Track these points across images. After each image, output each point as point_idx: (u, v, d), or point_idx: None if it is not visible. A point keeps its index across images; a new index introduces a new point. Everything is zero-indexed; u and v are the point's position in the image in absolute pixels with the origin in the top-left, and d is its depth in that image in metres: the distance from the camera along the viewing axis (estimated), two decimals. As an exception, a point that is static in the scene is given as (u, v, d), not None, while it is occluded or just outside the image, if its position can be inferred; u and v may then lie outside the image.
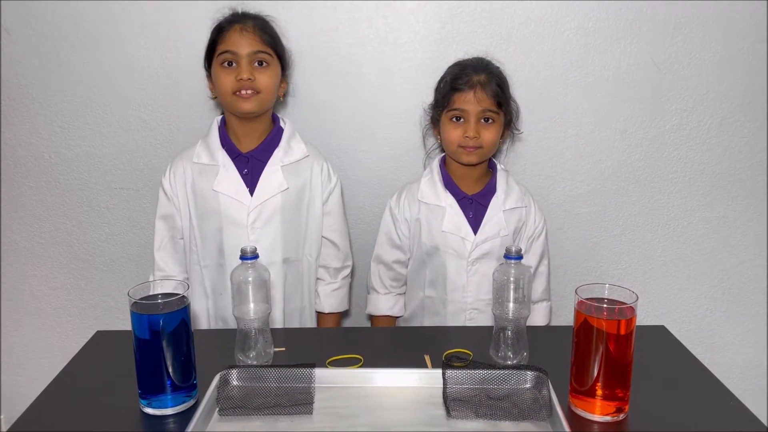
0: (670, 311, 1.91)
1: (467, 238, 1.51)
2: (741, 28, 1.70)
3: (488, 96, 1.45)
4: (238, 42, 1.42)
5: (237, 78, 1.41)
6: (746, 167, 1.81)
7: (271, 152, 1.50)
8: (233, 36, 1.43)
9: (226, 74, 1.43)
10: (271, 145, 1.51)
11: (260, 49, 1.44)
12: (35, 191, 1.81)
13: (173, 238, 1.53)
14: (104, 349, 1.29)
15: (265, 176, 1.48)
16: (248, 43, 1.43)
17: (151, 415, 1.04)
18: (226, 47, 1.43)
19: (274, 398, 1.05)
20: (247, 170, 1.48)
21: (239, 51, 1.42)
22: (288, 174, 1.49)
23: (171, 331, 1.02)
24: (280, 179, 1.48)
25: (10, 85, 1.74)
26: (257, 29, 1.44)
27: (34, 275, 1.88)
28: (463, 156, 1.50)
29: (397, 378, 1.11)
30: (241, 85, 1.42)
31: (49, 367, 1.26)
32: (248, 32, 1.43)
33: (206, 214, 1.49)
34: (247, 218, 1.47)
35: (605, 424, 1.02)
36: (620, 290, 1.04)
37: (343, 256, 1.61)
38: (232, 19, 1.46)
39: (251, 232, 1.47)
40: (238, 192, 1.47)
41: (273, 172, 1.48)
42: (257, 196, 1.47)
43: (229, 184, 1.47)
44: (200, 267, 1.52)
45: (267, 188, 1.47)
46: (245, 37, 1.43)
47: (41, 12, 1.68)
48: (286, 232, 1.51)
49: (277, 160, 1.49)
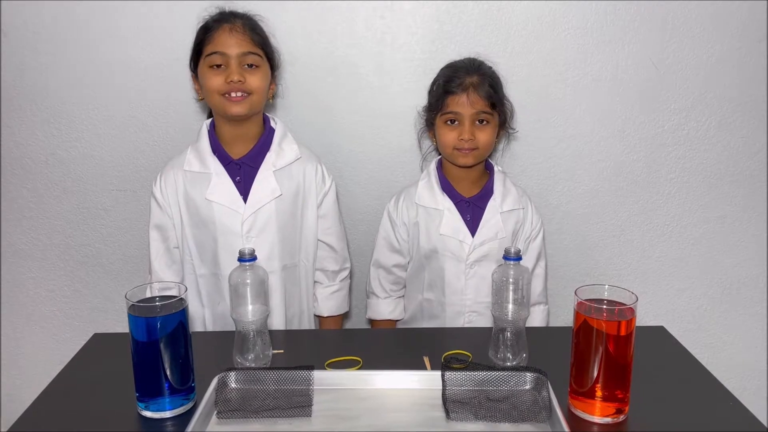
0: (670, 311, 1.91)
1: (465, 240, 1.50)
2: (739, 27, 1.70)
3: (481, 98, 1.45)
4: (227, 42, 1.38)
5: (227, 80, 1.37)
6: (745, 167, 1.81)
7: (263, 157, 1.46)
8: (222, 36, 1.38)
9: (214, 76, 1.39)
10: (263, 149, 1.47)
11: (250, 50, 1.40)
12: (32, 193, 1.81)
13: (168, 249, 1.50)
14: (102, 352, 1.28)
15: (258, 183, 1.44)
16: (238, 43, 1.38)
17: (149, 418, 1.03)
18: (215, 48, 1.38)
19: (273, 401, 1.05)
20: (240, 177, 1.45)
21: (228, 52, 1.38)
22: (281, 179, 1.46)
23: (168, 333, 1.02)
24: (273, 185, 1.45)
25: (7, 87, 1.73)
26: (247, 29, 1.40)
27: (31, 277, 1.87)
28: (459, 158, 1.49)
29: (396, 380, 1.10)
30: (230, 87, 1.38)
31: (47, 370, 1.26)
32: (238, 32, 1.39)
33: (200, 223, 1.45)
34: (242, 227, 1.44)
35: (605, 426, 1.01)
36: (620, 291, 1.03)
37: (341, 258, 1.60)
38: (220, 18, 1.41)
39: (246, 241, 1.43)
40: (232, 201, 1.43)
41: (265, 179, 1.44)
42: (251, 205, 1.43)
43: (223, 192, 1.43)
44: (195, 276, 1.49)
45: (260, 196, 1.44)
46: (234, 37, 1.38)
47: (37, 13, 1.67)
48: (283, 238, 1.48)
49: (269, 165, 1.45)
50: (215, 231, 1.44)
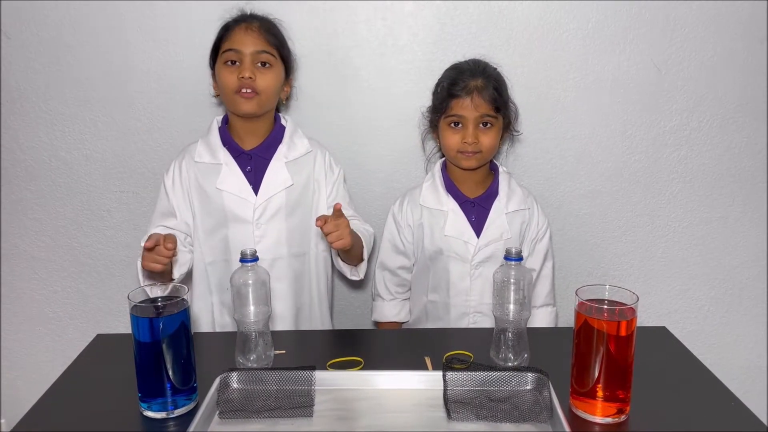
0: (672, 312, 1.91)
1: (470, 241, 1.50)
2: (740, 28, 1.70)
3: (485, 101, 1.45)
4: (243, 40, 1.44)
5: (239, 76, 1.43)
6: (747, 167, 1.81)
7: (275, 149, 1.51)
8: (238, 34, 1.45)
9: (229, 72, 1.44)
10: (274, 143, 1.52)
11: (264, 49, 1.45)
12: (35, 195, 1.81)
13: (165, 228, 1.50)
14: (104, 352, 1.29)
15: (270, 173, 1.49)
16: (252, 42, 1.44)
17: (151, 418, 1.04)
18: (230, 45, 1.44)
19: (275, 401, 1.05)
20: (251, 167, 1.50)
21: (243, 49, 1.43)
22: (292, 170, 1.51)
23: (171, 333, 1.02)
24: (284, 176, 1.49)
25: (10, 89, 1.74)
26: (262, 29, 1.46)
27: (35, 278, 1.88)
28: (462, 161, 1.49)
29: (397, 380, 1.11)
30: (242, 83, 1.43)
31: (50, 371, 1.27)
32: (253, 31, 1.45)
33: (211, 212, 1.50)
34: (253, 215, 1.48)
35: (606, 426, 1.02)
36: (621, 291, 1.03)
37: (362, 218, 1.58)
38: (239, 18, 1.49)
39: (256, 228, 1.48)
40: (241, 190, 1.48)
41: (278, 169, 1.50)
42: (262, 193, 1.48)
43: (233, 182, 1.48)
44: (204, 264, 1.53)
45: (272, 185, 1.49)
46: (250, 36, 1.44)
47: (40, 16, 1.68)
48: (291, 226, 1.51)
49: (281, 156, 1.51)
50: (226, 219, 1.49)
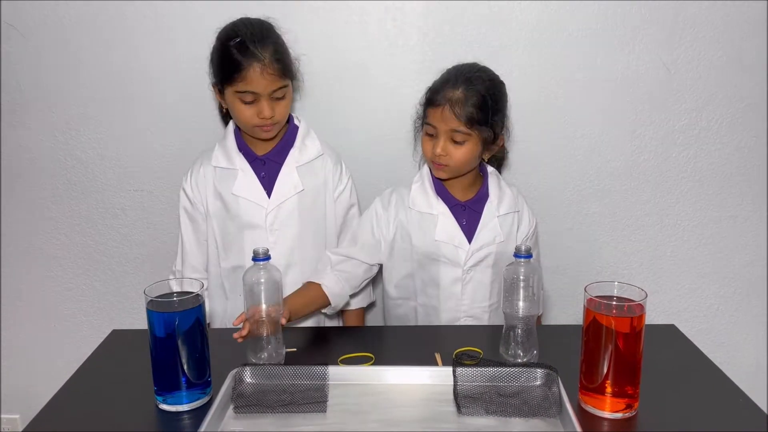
0: (681, 311, 1.91)
1: (461, 246, 1.45)
2: (749, 27, 1.70)
3: (456, 116, 1.36)
4: (260, 83, 1.40)
5: (259, 116, 1.42)
6: (756, 166, 1.80)
7: (287, 153, 1.52)
8: (254, 76, 1.39)
9: (246, 109, 1.43)
10: (286, 146, 1.53)
11: (280, 86, 1.43)
12: (51, 193, 1.84)
13: (198, 240, 1.56)
14: (120, 347, 1.31)
15: (281, 178, 1.51)
16: (269, 83, 1.41)
17: (167, 411, 1.06)
18: (247, 87, 1.40)
19: (289, 396, 1.07)
20: (264, 173, 1.51)
21: (261, 91, 1.41)
22: (303, 175, 1.52)
23: (186, 329, 1.04)
24: (295, 180, 1.51)
25: (26, 89, 1.76)
26: (274, 62, 1.41)
27: (50, 276, 1.91)
28: (433, 170, 1.46)
29: (408, 375, 1.12)
30: (263, 122, 1.43)
31: (65, 367, 1.28)
32: (268, 71, 1.40)
33: (227, 217, 1.52)
34: (266, 220, 1.50)
35: (615, 421, 1.03)
36: (629, 288, 1.04)
37: None
38: (247, 52, 1.39)
39: (270, 234, 1.50)
40: (256, 195, 1.50)
41: (288, 174, 1.51)
42: (274, 199, 1.50)
43: (248, 187, 1.50)
44: (220, 269, 1.55)
45: (283, 190, 1.50)
46: (266, 78, 1.40)
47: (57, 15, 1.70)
48: (305, 232, 1.53)
49: (293, 161, 1.52)
50: (241, 224, 1.51)
